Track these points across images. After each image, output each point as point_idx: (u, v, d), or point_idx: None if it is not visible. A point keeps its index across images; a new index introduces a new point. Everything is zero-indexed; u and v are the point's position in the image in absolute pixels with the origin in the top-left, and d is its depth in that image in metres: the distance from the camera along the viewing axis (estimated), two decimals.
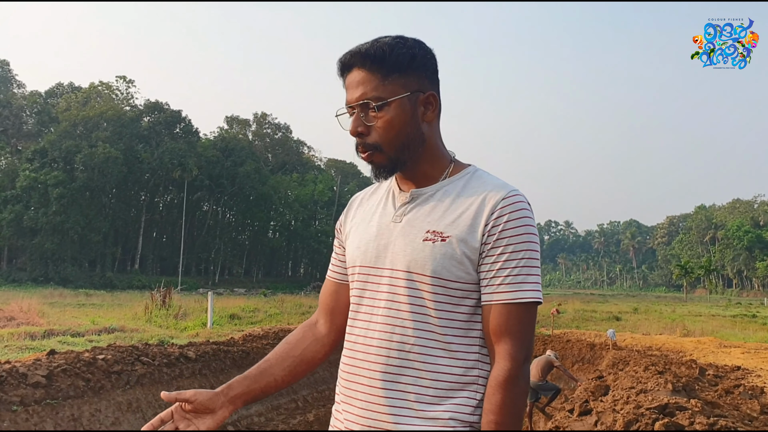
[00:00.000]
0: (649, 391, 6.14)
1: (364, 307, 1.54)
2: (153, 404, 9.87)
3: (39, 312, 21.68)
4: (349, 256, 1.64)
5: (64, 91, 79.80)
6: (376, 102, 1.48)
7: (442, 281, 1.44)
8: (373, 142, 1.50)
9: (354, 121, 1.51)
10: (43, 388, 8.18)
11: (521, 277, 1.44)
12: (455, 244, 1.45)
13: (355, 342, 1.54)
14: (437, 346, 1.45)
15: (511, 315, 1.42)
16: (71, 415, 8.32)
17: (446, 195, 1.52)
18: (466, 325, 1.47)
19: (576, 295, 77.21)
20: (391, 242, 1.52)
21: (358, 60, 1.50)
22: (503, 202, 1.46)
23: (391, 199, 1.61)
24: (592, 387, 8.09)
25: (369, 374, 1.48)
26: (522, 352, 1.42)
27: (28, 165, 63.92)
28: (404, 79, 1.50)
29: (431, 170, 1.57)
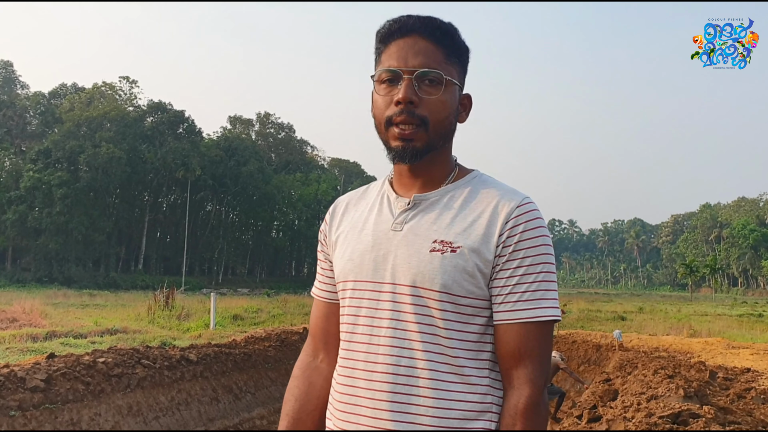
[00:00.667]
0: (660, 397, 5.98)
1: (361, 327, 1.37)
2: (154, 407, 9.75)
3: (42, 313, 21.66)
4: (339, 269, 1.46)
5: (68, 91, 79.86)
6: (435, 77, 1.33)
7: (452, 297, 1.29)
8: (423, 115, 1.33)
9: (408, 86, 1.32)
10: (42, 392, 8.07)
11: (540, 293, 1.30)
12: (467, 256, 1.30)
13: (354, 368, 1.36)
14: (449, 370, 1.29)
15: (531, 335, 1.29)
16: (70, 419, 8.20)
17: (453, 201, 1.38)
18: (476, 347, 1.32)
19: (580, 295, 77.05)
20: (391, 253, 1.35)
21: (425, 28, 1.35)
22: (518, 210, 1.32)
23: (386, 204, 1.44)
24: (600, 391, 7.94)
25: (374, 404, 1.31)
26: (542, 377, 1.29)
27: (31, 165, 64.00)
28: (458, 67, 1.39)
29: (438, 173, 1.42)
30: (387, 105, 1.35)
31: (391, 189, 1.45)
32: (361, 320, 1.37)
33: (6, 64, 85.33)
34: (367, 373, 1.33)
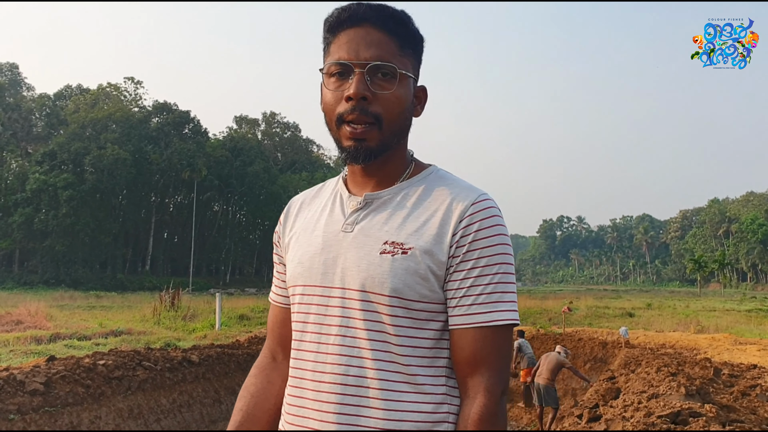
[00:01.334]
0: (661, 396, 5.88)
1: (309, 335, 1.29)
2: (155, 410, 9.72)
3: (47, 315, 21.68)
4: (289, 273, 1.37)
5: (73, 93, 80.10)
6: (389, 70, 1.25)
7: (403, 301, 1.20)
8: (376, 112, 1.24)
9: (360, 81, 1.23)
10: (42, 395, 8.04)
11: (496, 296, 1.21)
12: (419, 257, 1.21)
13: (303, 378, 1.28)
14: (401, 379, 1.21)
15: (487, 341, 1.20)
16: (70, 422, 8.17)
17: (406, 199, 1.29)
18: (431, 353, 1.23)
19: (589, 291, 76.86)
20: (341, 255, 1.27)
21: (378, 17, 1.26)
22: (473, 207, 1.24)
23: (339, 203, 1.36)
24: (603, 389, 7.85)
25: (321, 416, 1.23)
26: (500, 385, 1.20)
27: (37, 168, 64.24)
28: (413, 58, 1.31)
29: (393, 171, 1.33)
30: (337, 101, 1.26)
31: (345, 187, 1.37)
32: (309, 327, 1.29)
33: (12, 66, 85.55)
34: (316, 383, 1.25)
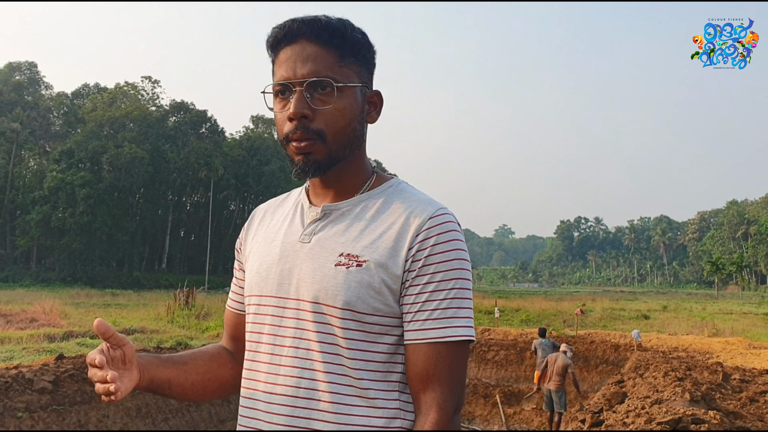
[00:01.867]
0: (665, 401, 5.81)
1: (264, 346, 1.27)
2: (163, 409, 9.77)
3: (61, 313, 21.89)
4: (247, 282, 1.37)
5: (91, 91, 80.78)
6: (328, 83, 1.23)
7: (355, 314, 1.19)
8: (318, 128, 1.24)
9: (299, 101, 1.23)
10: (50, 393, 8.12)
11: (452, 311, 1.20)
12: (373, 271, 1.20)
13: (255, 389, 1.27)
14: (352, 392, 1.19)
15: (440, 356, 1.19)
16: (78, 421, 8.24)
17: (364, 211, 1.28)
18: (384, 367, 1.22)
19: (606, 293, 76.38)
20: (296, 266, 1.26)
21: (312, 31, 1.24)
22: (430, 222, 1.22)
23: (299, 214, 1.35)
24: (609, 394, 7.78)
25: (271, 427, 1.22)
26: (452, 401, 1.18)
27: (55, 166, 64.82)
28: (359, 66, 1.28)
29: (353, 181, 1.32)
30: (284, 121, 1.26)
31: (307, 198, 1.36)
32: (264, 338, 1.28)
33: (30, 65, 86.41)
34: (268, 395, 1.24)
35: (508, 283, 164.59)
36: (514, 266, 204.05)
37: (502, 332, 20.58)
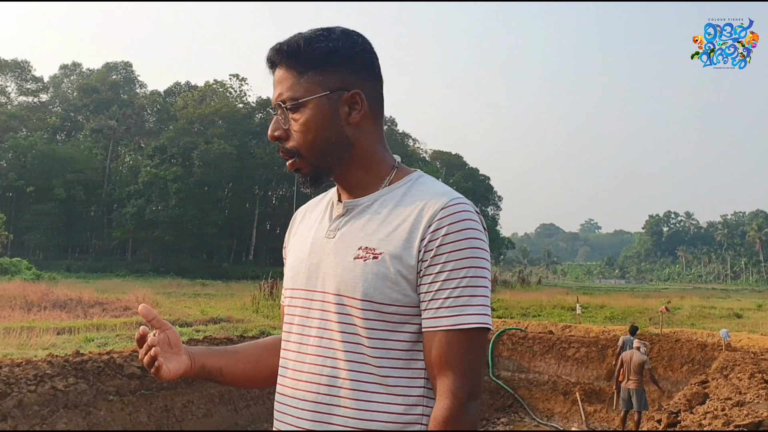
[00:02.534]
0: (747, 404, 5.61)
1: (294, 335, 1.36)
2: (245, 396, 10.10)
3: (154, 302, 22.79)
4: (284, 277, 1.47)
5: (182, 89, 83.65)
6: (290, 102, 1.32)
7: (374, 305, 1.25)
8: (291, 147, 1.34)
9: (272, 124, 1.36)
10: (138, 378, 8.53)
11: (464, 299, 1.23)
12: (388, 262, 1.25)
13: (284, 376, 1.36)
14: (373, 380, 1.25)
15: (452, 344, 1.22)
16: (164, 405, 8.63)
17: (383, 206, 1.33)
18: (407, 356, 1.27)
19: (696, 290, 73.49)
20: (323, 261, 1.34)
21: (277, 57, 1.35)
22: (442, 212, 1.25)
23: (329, 211, 1.43)
24: (690, 394, 7.54)
25: (297, 413, 1.30)
26: (465, 388, 1.21)
27: (149, 161, 67.54)
28: (322, 76, 1.32)
29: (367, 177, 1.38)
30: None
31: (337, 195, 1.43)
32: (294, 329, 1.37)
33: (126, 64, 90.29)
34: (294, 381, 1.32)
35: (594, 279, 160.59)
36: (600, 262, 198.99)
37: (584, 329, 20.14)
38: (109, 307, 20.62)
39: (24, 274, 36.01)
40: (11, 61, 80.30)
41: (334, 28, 1.36)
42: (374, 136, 1.40)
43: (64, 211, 68.65)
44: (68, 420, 7.27)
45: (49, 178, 66.89)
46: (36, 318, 16.08)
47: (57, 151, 68.76)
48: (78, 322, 15.50)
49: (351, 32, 1.37)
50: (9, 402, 6.82)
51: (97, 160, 73.38)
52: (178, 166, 66.53)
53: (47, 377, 7.47)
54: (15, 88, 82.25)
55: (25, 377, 7.26)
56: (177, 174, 64.71)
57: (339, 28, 1.36)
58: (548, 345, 16.80)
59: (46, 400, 7.19)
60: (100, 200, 72.59)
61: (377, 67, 1.40)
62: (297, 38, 1.34)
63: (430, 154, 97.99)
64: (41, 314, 17.24)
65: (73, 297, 22.91)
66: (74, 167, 68.71)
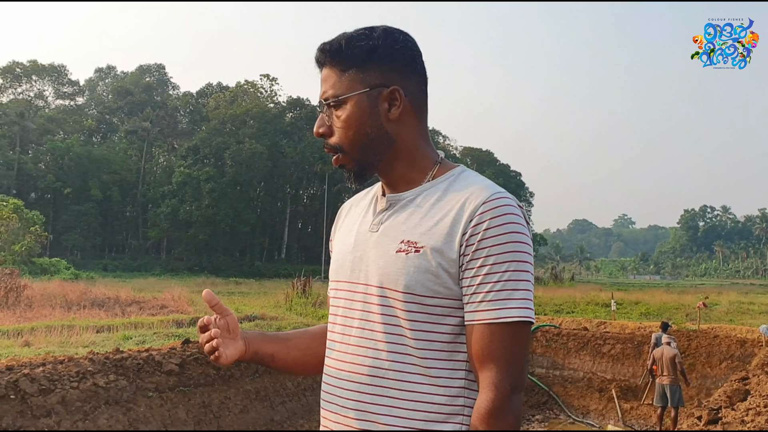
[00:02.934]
0: None
1: (338, 326, 1.40)
2: (280, 392, 10.20)
3: (188, 300, 23.06)
4: (330, 269, 1.50)
5: (213, 90, 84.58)
6: (332, 99, 1.37)
7: (416, 297, 1.27)
8: (335, 143, 1.39)
9: (317, 121, 1.41)
10: (176, 375, 8.66)
11: (506, 293, 1.24)
12: (430, 256, 1.27)
13: (329, 366, 1.40)
14: (415, 370, 1.28)
15: (495, 337, 1.23)
16: (202, 402, 8.75)
17: (425, 200, 1.35)
18: (449, 347, 1.29)
19: (733, 286, 72.14)
20: (366, 254, 1.37)
21: (322, 57, 1.40)
22: (483, 206, 1.27)
23: (373, 205, 1.46)
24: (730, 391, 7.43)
25: (341, 402, 1.34)
26: (508, 380, 1.23)
27: (182, 162, 68.44)
28: (363, 73, 1.36)
29: (410, 172, 1.40)
30: None
31: (381, 190, 1.46)
32: (338, 320, 1.40)
33: (159, 66, 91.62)
34: (337, 371, 1.36)
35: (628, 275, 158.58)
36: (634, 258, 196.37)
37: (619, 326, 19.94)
38: (145, 306, 20.94)
39: (63, 274, 36.75)
40: (48, 66, 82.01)
41: (377, 27, 1.39)
42: (416, 132, 1.42)
43: (101, 212, 69.91)
44: (109, 416, 7.42)
45: (86, 179, 68.20)
46: (76, 316, 16.40)
47: (93, 153, 70.08)
48: (116, 321, 15.77)
49: (392, 30, 1.39)
50: (53, 398, 6.98)
51: (131, 161, 74.58)
52: (210, 166, 67.30)
53: (89, 374, 7.62)
54: (52, 92, 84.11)
55: (67, 374, 7.43)
56: (210, 174, 65.47)
57: (381, 27, 1.39)
58: (583, 342, 16.67)
59: (88, 397, 7.34)
60: (135, 201, 73.77)
61: (420, 64, 1.42)
62: (340, 38, 1.38)
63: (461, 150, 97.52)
64: (81, 313, 17.58)
65: (110, 296, 23.31)
66: (110, 168, 70.00)
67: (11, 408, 6.59)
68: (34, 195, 68.88)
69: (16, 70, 79.77)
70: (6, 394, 6.63)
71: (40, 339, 12.12)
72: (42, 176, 67.61)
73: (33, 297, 20.66)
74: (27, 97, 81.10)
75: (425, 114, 1.44)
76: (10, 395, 6.67)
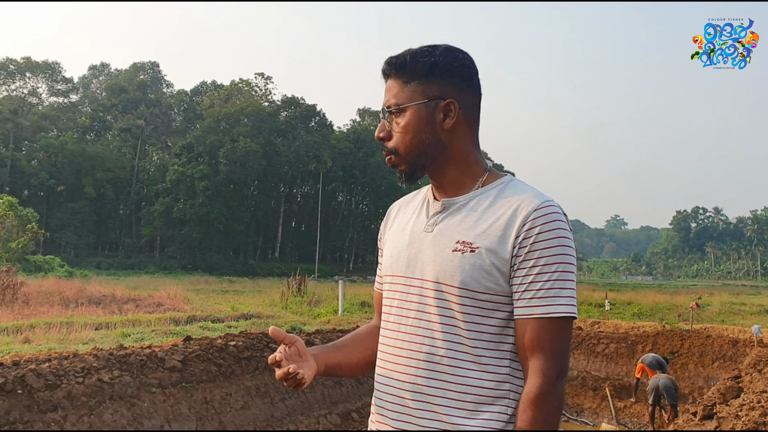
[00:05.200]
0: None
1: (393, 316, 1.54)
2: (280, 389, 10.29)
3: (184, 298, 23.15)
4: (384, 264, 1.65)
5: (208, 89, 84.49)
6: (394, 107, 1.51)
7: (470, 292, 1.42)
8: (391, 146, 1.53)
9: (379, 126, 1.55)
10: (179, 371, 8.74)
11: (554, 291, 1.39)
12: (484, 255, 1.42)
13: (385, 352, 1.54)
14: (467, 358, 1.43)
15: (544, 330, 1.39)
16: (204, 398, 8.84)
17: (478, 205, 1.49)
18: (497, 338, 1.44)
19: (725, 287, 72.55)
20: (421, 252, 1.51)
21: (387, 69, 1.54)
22: (535, 213, 1.41)
23: (425, 207, 1.59)
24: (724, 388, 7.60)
25: (398, 384, 1.48)
26: (555, 368, 1.38)
27: (176, 160, 68.40)
28: (423, 86, 1.50)
29: (461, 178, 1.54)
30: None
31: (432, 194, 1.61)
32: (393, 310, 1.55)
33: (153, 64, 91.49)
34: (394, 357, 1.51)
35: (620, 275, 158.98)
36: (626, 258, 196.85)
37: (613, 325, 20.14)
38: (142, 304, 20.99)
39: (57, 272, 36.73)
40: (42, 63, 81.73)
41: (440, 45, 1.53)
42: (468, 141, 1.55)
43: (94, 210, 69.76)
44: (114, 411, 7.51)
45: (80, 177, 68.04)
46: (74, 314, 16.46)
47: (87, 151, 69.87)
48: (114, 318, 15.85)
49: (453, 49, 1.54)
50: (59, 393, 7.08)
51: (125, 159, 74.42)
52: (204, 165, 67.23)
53: (93, 370, 7.71)
54: (46, 89, 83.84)
55: (72, 370, 7.52)
56: (204, 172, 65.41)
57: (444, 45, 1.53)
58: (577, 341, 16.82)
59: (93, 392, 7.43)
60: (128, 198, 73.64)
61: (476, 80, 1.56)
62: (406, 53, 1.52)
63: None
64: (78, 310, 17.64)
65: (106, 293, 23.37)
66: (104, 166, 69.82)
67: (19, 402, 6.68)
68: (27, 192, 68.58)
69: (9, 67, 79.43)
70: (14, 389, 6.72)
71: (39, 336, 12.19)
72: (35, 173, 67.39)
73: (30, 294, 20.72)
74: (20, 94, 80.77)
75: (477, 126, 1.58)
76: (18, 390, 6.76)
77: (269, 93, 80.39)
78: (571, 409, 15.12)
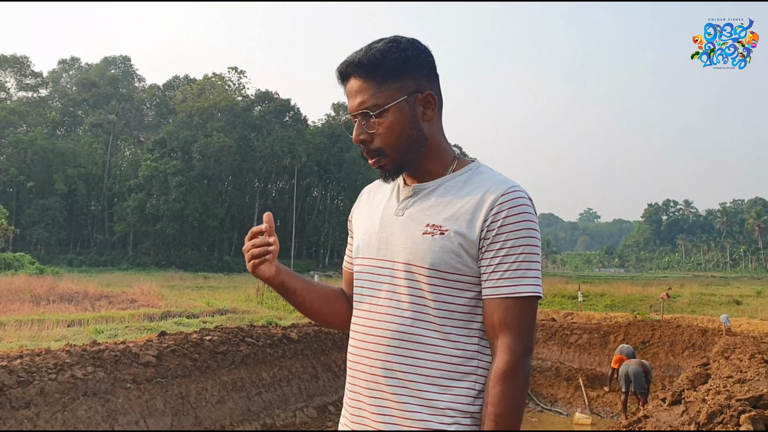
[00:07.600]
0: (748, 381, 5.82)
1: (365, 297, 1.59)
2: (257, 383, 10.30)
3: (159, 294, 22.98)
4: (354, 246, 1.69)
5: (180, 83, 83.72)
6: (374, 110, 1.51)
7: (439, 272, 1.47)
8: (377, 147, 1.54)
9: (356, 129, 1.55)
10: (154, 367, 8.71)
11: (521, 272, 1.44)
12: (453, 238, 1.47)
13: (357, 331, 1.59)
14: (436, 336, 1.47)
15: (510, 309, 1.44)
16: (179, 393, 8.82)
17: (447, 190, 1.54)
18: (466, 317, 1.49)
19: (695, 278, 73.63)
20: (392, 235, 1.56)
21: (354, 69, 1.54)
22: (503, 198, 1.46)
23: (396, 192, 1.64)
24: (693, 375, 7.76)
25: (371, 362, 1.52)
26: (521, 346, 1.43)
27: (149, 155, 67.68)
28: (400, 82, 1.52)
29: (434, 166, 1.58)
30: None
31: (403, 179, 1.64)
32: (365, 291, 1.60)
33: (124, 59, 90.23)
34: (366, 336, 1.55)
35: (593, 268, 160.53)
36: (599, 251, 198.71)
37: (586, 316, 20.40)
38: (115, 300, 20.82)
39: (27, 269, 36.19)
40: (10, 57, 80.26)
41: (399, 38, 1.55)
42: (439, 130, 1.61)
43: (66, 206, 68.88)
44: (88, 407, 7.46)
45: (50, 173, 67.10)
46: (45, 311, 16.27)
47: (57, 146, 68.96)
48: (87, 315, 15.69)
49: (414, 41, 1.56)
50: (31, 390, 7.01)
51: (97, 155, 73.54)
52: (178, 160, 66.66)
53: (66, 366, 7.65)
54: (14, 83, 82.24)
55: (45, 366, 7.45)
56: (177, 167, 64.87)
57: (404, 38, 1.55)
58: (551, 332, 17.02)
59: (67, 388, 7.37)
60: (100, 195, 72.77)
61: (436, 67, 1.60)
62: (373, 52, 1.52)
63: None
64: (50, 307, 17.44)
65: (78, 291, 23.09)
66: (75, 162, 68.94)
67: None
68: None
69: None
70: None
71: (10, 333, 12.03)
72: (4, 169, 66.37)
73: None
74: None
75: (442, 113, 1.63)
76: None
77: (243, 87, 79.96)
78: (545, 399, 15.30)
